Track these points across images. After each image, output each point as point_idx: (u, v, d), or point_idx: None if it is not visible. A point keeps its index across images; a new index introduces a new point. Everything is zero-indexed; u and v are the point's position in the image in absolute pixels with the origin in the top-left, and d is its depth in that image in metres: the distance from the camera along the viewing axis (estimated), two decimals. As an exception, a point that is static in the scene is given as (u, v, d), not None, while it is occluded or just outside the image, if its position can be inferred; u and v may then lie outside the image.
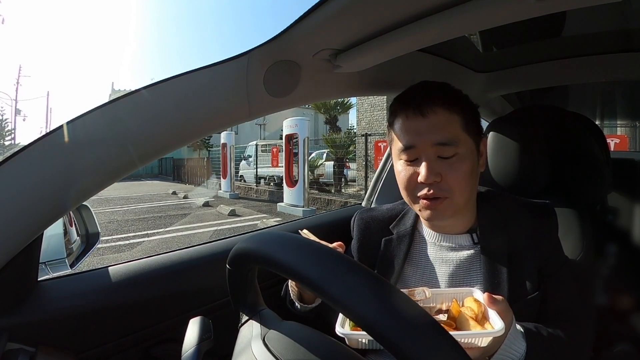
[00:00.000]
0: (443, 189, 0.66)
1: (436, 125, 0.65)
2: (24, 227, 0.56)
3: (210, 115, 0.65)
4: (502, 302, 0.56)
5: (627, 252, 1.05)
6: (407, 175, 0.68)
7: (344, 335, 0.53)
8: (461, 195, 0.67)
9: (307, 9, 0.56)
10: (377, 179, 1.33)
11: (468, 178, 0.67)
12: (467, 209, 0.72)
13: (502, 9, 0.53)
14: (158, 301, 0.76)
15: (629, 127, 6.95)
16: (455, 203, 0.67)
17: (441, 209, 0.67)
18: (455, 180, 0.65)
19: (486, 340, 0.51)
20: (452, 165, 0.65)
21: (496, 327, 0.51)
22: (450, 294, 0.63)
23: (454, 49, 0.99)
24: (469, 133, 0.68)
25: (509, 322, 0.55)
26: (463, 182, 0.66)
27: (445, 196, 0.66)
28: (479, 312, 0.55)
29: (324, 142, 11.03)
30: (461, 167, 0.66)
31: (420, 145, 0.66)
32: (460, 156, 0.66)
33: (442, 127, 0.65)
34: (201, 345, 0.50)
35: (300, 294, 0.73)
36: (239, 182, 13.03)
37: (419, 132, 0.66)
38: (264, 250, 0.44)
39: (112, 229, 6.53)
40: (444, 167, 0.65)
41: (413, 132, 0.67)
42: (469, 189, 0.68)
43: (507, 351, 0.56)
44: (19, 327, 0.60)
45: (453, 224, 0.73)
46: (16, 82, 30.12)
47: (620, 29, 0.92)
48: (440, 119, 0.66)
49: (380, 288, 0.35)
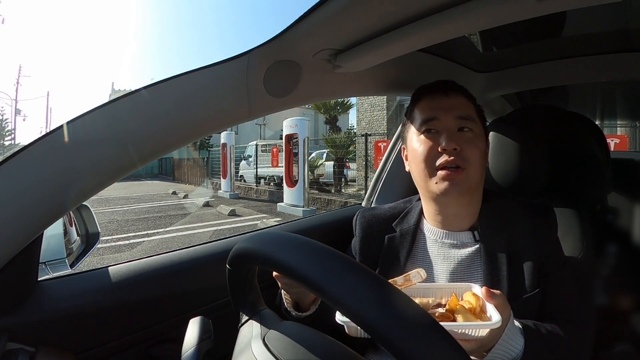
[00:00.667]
0: (462, 157, 0.70)
1: (457, 103, 0.74)
2: (24, 227, 0.56)
3: (210, 115, 0.65)
4: (500, 297, 0.56)
5: (627, 252, 1.05)
6: (427, 147, 0.72)
7: (344, 323, 0.52)
8: (476, 170, 0.71)
9: (307, 9, 0.56)
10: (377, 179, 1.33)
11: (481, 156, 0.73)
12: (474, 199, 0.74)
13: (502, 9, 0.53)
14: (158, 301, 0.76)
15: (629, 127, 6.94)
16: (470, 177, 0.71)
17: (459, 180, 0.70)
18: (472, 154, 0.71)
19: (483, 332, 0.52)
20: (470, 140, 0.72)
21: (493, 319, 0.52)
22: (449, 288, 0.63)
23: (454, 49, 0.99)
24: (480, 121, 0.76)
25: (506, 317, 0.56)
26: (477, 157, 0.71)
27: (464, 166, 0.70)
28: (476, 305, 0.56)
29: (324, 142, 11.03)
30: (476, 143, 0.72)
31: (443, 118, 0.72)
32: (475, 134, 0.73)
33: (463, 106, 0.74)
34: (201, 345, 0.50)
35: (295, 303, 0.73)
36: (239, 182, 13.02)
37: (443, 108, 0.73)
38: (264, 250, 0.44)
39: (112, 229, 6.53)
40: (462, 140, 0.71)
41: (437, 108, 0.74)
42: (481, 169, 0.73)
43: (505, 346, 0.57)
44: (19, 327, 0.60)
45: (456, 219, 0.74)
46: (16, 82, 30.15)
47: (620, 29, 0.92)
48: (461, 100, 0.75)
49: (380, 288, 0.35)
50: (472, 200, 0.74)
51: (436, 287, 0.64)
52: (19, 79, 31.37)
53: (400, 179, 1.24)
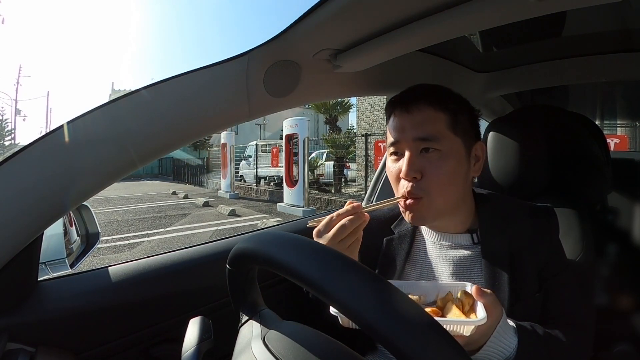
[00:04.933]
0: (420, 187, 0.66)
1: (418, 121, 0.67)
2: (24, 227, 0.56)
3: (210, 115, 0.65)
4: (489, 295, 0.57)
5: (627, 252, 1.04)
6: (393, 170, 0.70)
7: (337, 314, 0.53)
8: (440, 196, 0.66)
9: (307, 9, 0.57)
10: (377, 179, 1.33)
11: (450, 178, 0.66)
12: (460, 210, 0.72)
13: (502, 9, 0.53)
14: (158, 301, 0.76)
15: (629, 127, 6.94)
16: (434, 205, 0.67)
17: (418, 209, 0.67)
18: (434, 180, 0.66)
19: (468, 329, 0.52)
20: (433, 162, 0.66)
21: (479, 316, 0.53)
22: (445, 287, 0.64)
23: (454, 49, 0.99)
24: (456, 133, 0.68)
25: (497, 315, 0.56)
26: (443, 182, 0.66)
27: (420, 196, 0.66)
28: (467, 303, 0.56)
29: (324, 142, 11.03)
30: (442, 165, 0.66)
31: (402, 140, 0.68)
32: (442, 154, 0.66)
33: (423, 123, 0.66)
34: (201, 345, 0.50)
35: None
36: (239, 182, 13.02)
37: (403, 128, 0.68)
38: (264, 250, 0.44)
39: (112, 229, 6.53)
40: (424, 163, 0.66)
41: (399, 128, 0.69)
42: (452, 190, 0.68)
43: (497, 344, 0.57)
44: (19, 327, 0.60)
45: (448, 223, 0.73)
46: (16, 82, 30.15)
47: (620, 29, 0.92)
48: (424, 115, 0.67)
49: (381, 288, 0.35)
50: (456, 210, 0.72)
51: (432, 285, 0.65)
52: (19, 79, 31.40)
53: (400, 179, 1.24)
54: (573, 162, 0.95)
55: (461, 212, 0.73)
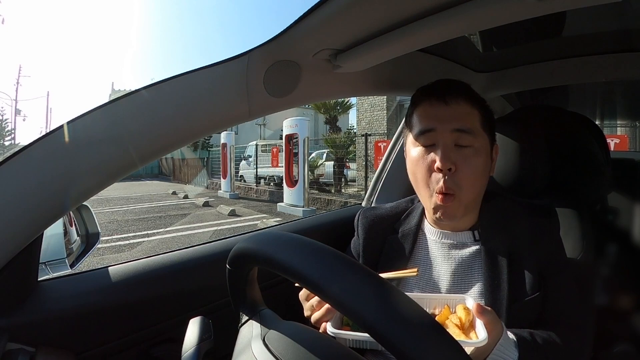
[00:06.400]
0: (454, 181, 0.66)
1: (458, 113, 0.68)
2: (24, 227, 0.55)
3: (210, 115, 0.65)
4: (490, 313, 0.56)
5: (627, 252, 1.05)
6: (423, 165, 0.69)
7: (334, 334, 0.55)
8: (469, 192, 0.68)
9: (307, 9, 0.56)
10: (377, 178, 1.33)
11: (479, 174, 0.68)
12: (474, 209, 0.73)
13: (502, 9, 0.53)
14: (158, 301, 0.76)
15: (629, 127, 6.94)
16: (463, 202, 0.68)
17: (451, 207, 0.68)
18: (466, 174, 0.66)
19: (467, 350, 0.51)
20: (467, 157, 0.67)
21: (480, 337, 0.52)
22: (443, 299, 0.63)
23: (454, 49, 0.99)
24: (485, 131, 0.70)
25: (497, 334, 0.56)
26: (473, 177, 0.67)
27: (455, 192, 0.66)
28: (466, 320, 0.55)
29: (324, 142, 11.02)
30: (475, 160, 0.67)
31: (439, 129, 0.67)
32: (476, 149, 0.68)
33: (463, 116, 0.68)
34: (201, 345, 0.50)
35: None
36: (239, 182, 13.02)
37: (440, 118, 0.68)
38: (264, 250, 0.44)
39: (112, 229, 6.52)
40: (459, 157, 0.66)
41: (434, 117, 0.69)
42: (478, 187, 0.69)
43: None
44: (19, 327, 0.60)
45: (457, 221, 0.73)
46: (16, 82, 30.14)
47: (620, 29, 0.92)
48: (462, 109, 0.68)
49: (381, 288, 0.35)
50: (474, 208, 0.73)
51: (430, 298, 0.64)
52: (19, 79, 31.40)
53: (401, 178, 1.24)
54: (573, 162, 0.95)
55: (473, 211, 0.73)
